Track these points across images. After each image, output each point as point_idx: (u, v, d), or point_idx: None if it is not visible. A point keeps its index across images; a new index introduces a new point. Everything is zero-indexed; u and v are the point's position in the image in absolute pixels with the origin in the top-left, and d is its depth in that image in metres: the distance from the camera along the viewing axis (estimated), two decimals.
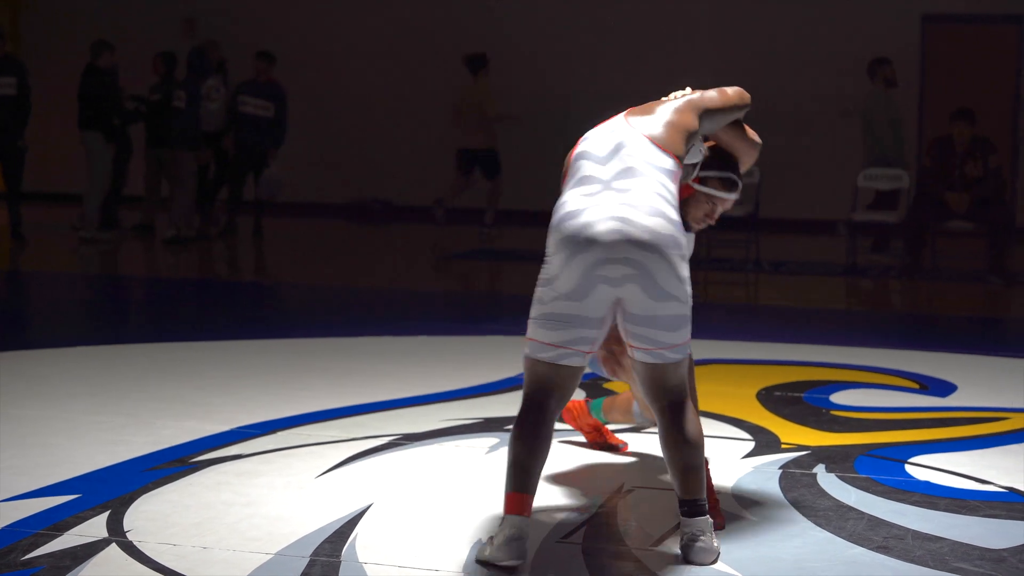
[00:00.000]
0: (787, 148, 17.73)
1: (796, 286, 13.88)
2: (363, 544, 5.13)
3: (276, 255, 16.44)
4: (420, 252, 16.31)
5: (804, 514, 5.58)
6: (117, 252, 15.62)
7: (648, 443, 6.73)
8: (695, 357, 5.59)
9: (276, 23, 19.65)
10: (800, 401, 7.68)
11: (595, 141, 5.15)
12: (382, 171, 19.62)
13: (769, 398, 7.74)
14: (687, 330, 5.01)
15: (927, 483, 6.09)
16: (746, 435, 6.92)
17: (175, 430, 6.78)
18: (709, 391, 7.85)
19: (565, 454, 6.50)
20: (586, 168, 5.07)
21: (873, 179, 15.32)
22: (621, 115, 5.25)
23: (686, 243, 5.06)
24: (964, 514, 5.63)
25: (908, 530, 5.40)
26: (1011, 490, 6.04)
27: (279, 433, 6.79)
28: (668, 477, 4.97)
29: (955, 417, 7.34)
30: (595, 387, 7.72)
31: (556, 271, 4.99)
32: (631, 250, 4.88)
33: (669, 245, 4.92)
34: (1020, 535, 5.34)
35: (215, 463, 6.21)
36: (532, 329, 5.04)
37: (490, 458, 6.41)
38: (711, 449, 6.57)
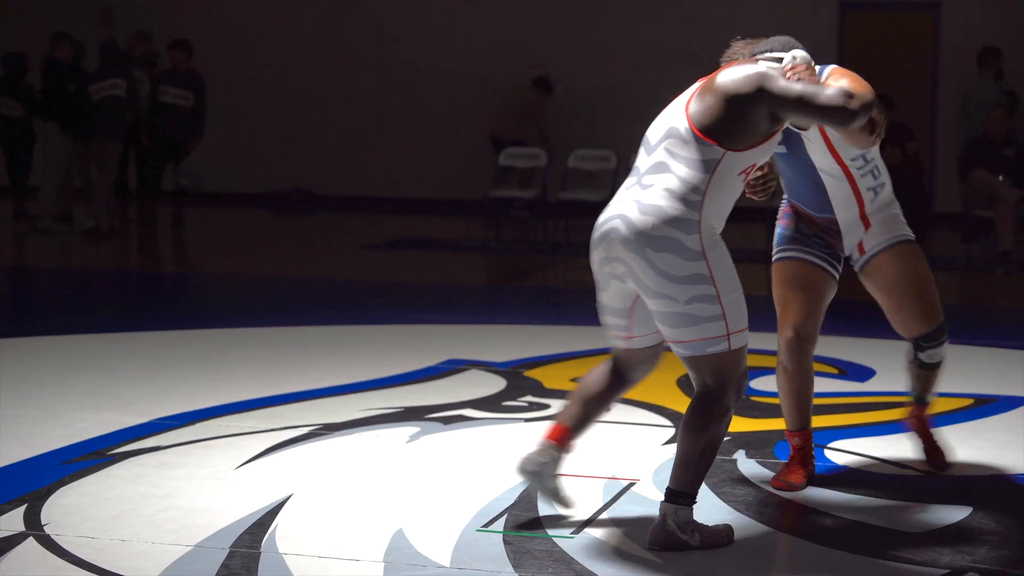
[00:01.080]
0: None
1: None
2: (283, 535, 5.10)
3: (196, 245, 16.33)
4: (340, 241, 16.24)
5: (724, 500, 5.60)
6: (27, 242, 15.45)
7: None
8: None
9: (194, 12, 19.49)
10: None
11: (654, 127, 5.17)
12: (303, 161, 19.52)
13: (689, 384, 7.71)
14: (695, 329, 4.95)
15: (846, 467, 6.13)
16: (667, 421, 6.94)
17: (92, 423, 6.72)
18: None
19: (486, 442, 6.50)
20: (637, 157, 5.18)
21: None
22: (695, 86, 5.17)
23: (700, 241, 4.92)
24: (883, 498, 5.67)
25: (828, 515, 5.43)
26: (930, 474, 6.08)
27: (198, 424, 6.73)
28: (589, 465, 4.96)
29: (874, 402, 7.38)
30: None
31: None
32: (619, 250, 4.99)
33: (654, 245, 4.90)
34: (939, 518, 5.38)
35: (133, 455, 6.16)
36: None
37: (410, 447, 6.39)
38: (632, 435, 6.61)
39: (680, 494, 5.01)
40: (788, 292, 5.91)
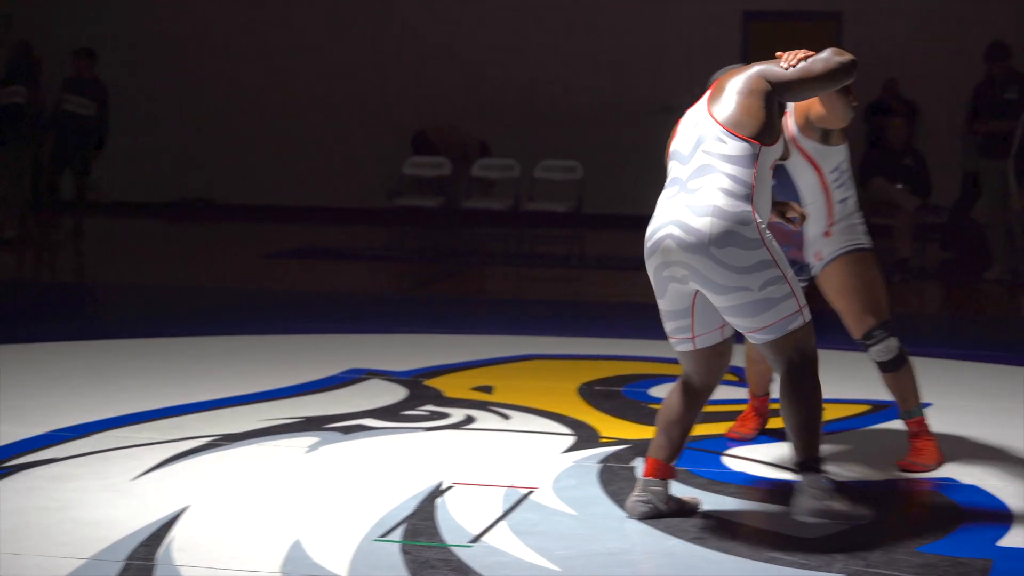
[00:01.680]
0: (610, 144, 17.90)
1: (620, 281, 13.98)
2: (179, 547, 5.06)
3: (94, 255, 16.17)
4: (243, 250, 16.16)
5: (622, 507, 5.61)
6: None
7: (465, 439, 6.73)
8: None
9: (93, 19, 19.31)
10: (620, 395, 7.73)
11: (681, 138, 5.49)
12: (205, 170, 19.39)
13: (590, 393, 7.79)
14: (773, 312, 5.25)
15: (743, 474, 6.17)
16: (567, 430, 6.95)
17: None
18: (530, 387, 7.91)
19: (385, 451, 6.48)
20: (673, 169, 5.46)
21: None
22: (705, 98, 5.49)
23: (757, 229, 5.21)
24: (779, 504, 5.71)
25: (724, 520, 5.46)
26: (826, 479, 6.13)
27: (94, 436, 6.67)
28: (488, 473, 4.95)
29: (771, 408, 7.42)
30: None
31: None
32: (680, 255, 5.24)
33: (717, 243, 5.17)
34: (834, 523, 5.42)
35: (27, 468, 6.09)
36: None
37: (309, 457, 6.36)
38: (531, 445, 6.62)
39: (810, 462, 5.36)
40: None
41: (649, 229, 5.38)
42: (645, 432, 6.88)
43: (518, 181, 15.86)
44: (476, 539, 5.22)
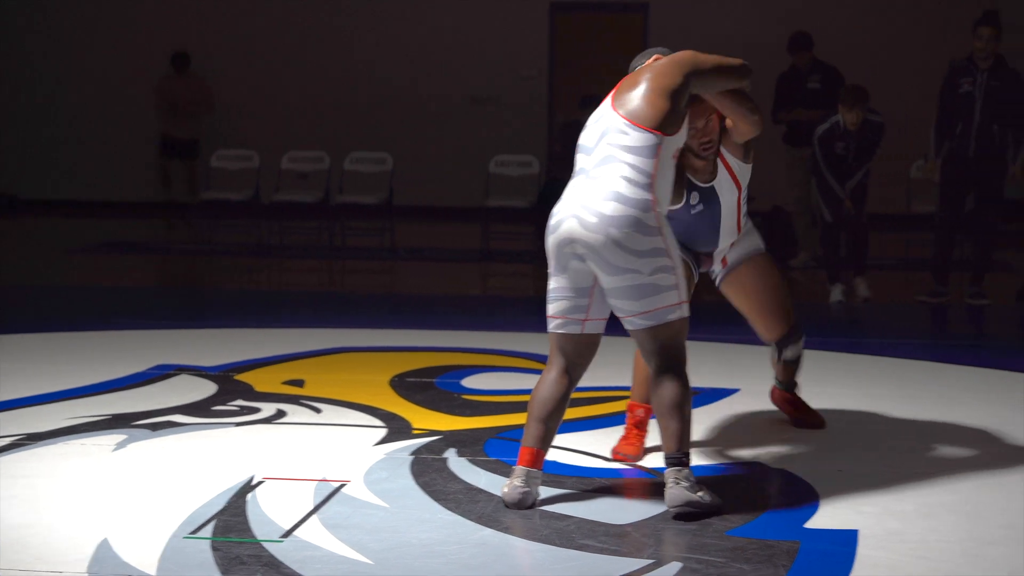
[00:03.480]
0: (421, 136, 17.90)
1: (431, 273, 13.98)
2: None
3: None
4: (45, 246, 15.84)
5: (434, 498, 5.62)
6: None
7: (276, 434, 6.68)
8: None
9: None
10: (432, 387, 7.73)
11: (587, 133, 5.65)
12: (5, 165, 18.98)
13: (402, 384, 7.77)
14: (657, 298, 5.44)
15: (555, 463, 6.19)
16: (379, 422, 6.93)
17: None
18: (342, 379, 7.87)
19: (195, 447, 6.41)
20: (579, 161, 5.64)
21: (504, 165, 15.58)
22: (611, 94, 5.67)
23: (656, 217, 5.42)
24: (590, 492, 5.76)
25: (536, 510, 5.49)
26: (636, 466, 6.20)
27: None
28: (299, 467, 4.91)
29: (583, 397, 7.47)
30: None
31: (548, 254, 5.62)
32: (582, 233, 5.42)
33: (621, 225, 5.37)
34: (643, 510, 5.49)
35: None
36: (547, 305, 5.67)
37: (117, 455, 6.26)
38: (343, 438, 6.59)
39: (682, 455, 5.46)
40: None
41: (554, 211, 5.57)
42: (458, 423, 6.89)
43: (328, 173, 15.78)
44: (288, 534, 5.18)
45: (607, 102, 5.65)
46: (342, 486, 5.78)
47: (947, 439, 6.72)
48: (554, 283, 5.62)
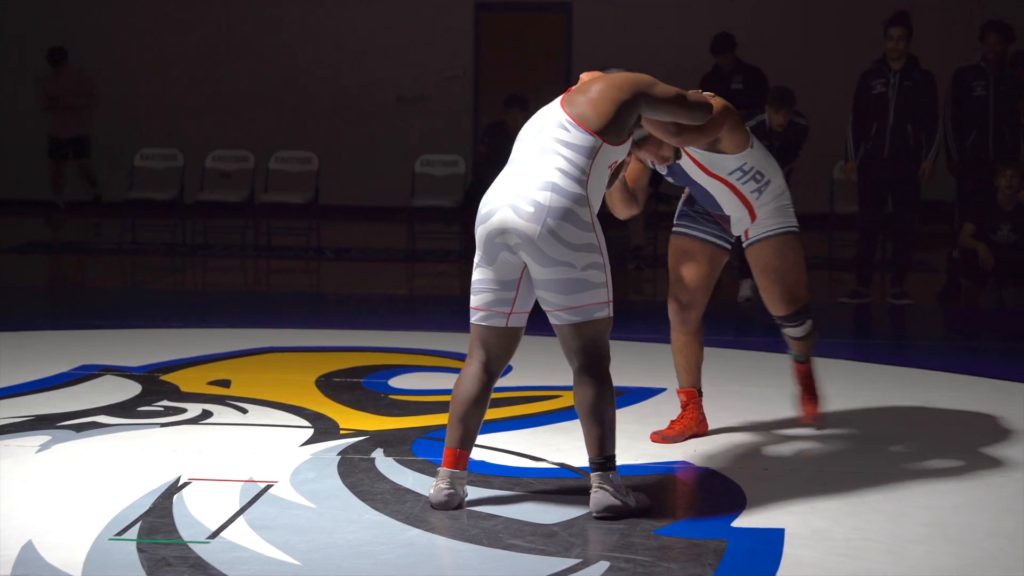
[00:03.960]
0: (347, 135, 17.84)
1: (357, 272, 13.96)
2: None
3: None
4: None
5: (361, 498, 5.61)
6: None
7: (202, 434, 6.65)
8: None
9: None
10: (359, 387, 7.72)
11: (531, 125, 5.69)
12: None
13: (329, 384, 7.75)
14: (586, 295, 5.44)
15: (482, 462, 6.20)
16: (305, 422, 6.91)
17: None
18: (268, 379, 7.85)
19: (120, 448, 6.36)
20: (515, 151, 5.67)
21: (430, 165, 15.58)
22: (565, 93, 5.68)
23: (589, 213, 5.45)
24: (518, 491, 5.77)
25: (464, 510, 5.49)
26: (562, 466, 6.21)
27: None
28: (225, 468, 4.89)
29: (510, 396, 7.49)
30: None
31: (477, 244, 5.60)
32: (516, 222, 5.41)
33: (557, 215, 5.38)
34: (570, 510, 5.50)
35: None
36: (471, 297, 5.65)
37: (41, 457, 6.21)
38: (270, 438, 6.57)
39: (605, 460, 5.45)
40: (674, 265, 6.67)
41: (485, 199, 5.57)
42: (385, 423, 6.89)
43: (253, 172, 15.72)
44: (214, 535, 5.15)
45: (556, 101, 5.65)
46: (269, 487, 5.77)
47: (871, 438, 6.78)
48: (479, 274, 5.59)
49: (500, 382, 7.77)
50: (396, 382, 7.83)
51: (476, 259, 5.61)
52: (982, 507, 5.68)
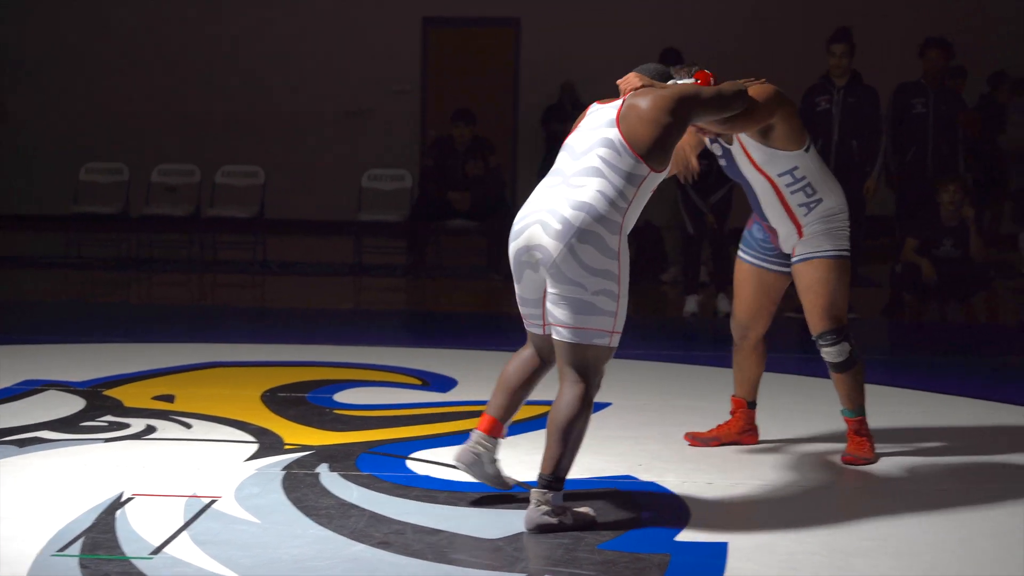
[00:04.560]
0: (293, 149, 17.83)
1: (303, 287, 13.93)
2: None
3: None
4: None
5: (306, 514, 5.59)
6: None
7: (146, 449, 6.62)
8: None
9: None
10: (304, 402, 7.70)
11: (579, 135, 5.65)
12: None
13: (274, 399, 7.73)
14: (591, 318, 5.43)
15: (427, 477, 6.20)
16: (250, 437, 6.89)
17: None
18: (213, 394, 7.82)
19: (63, 464, 6.32)
20: (560, 160, 5.65)
21: (377, 179, 15.58)
22: (617, 104, 5.64)
23: (618, 242, 5.45)
24: (462, 506, 5.76)
25: (408, 524, 5.48)
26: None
27: None
28: (169, 483, 4.85)
29: (456, 411, 7.49)
30: None
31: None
32: (543, 238, 5.43)
33: (579, 236, 5.38)
34: (516, 524, 5.50)
35: None
36: None
37: None
38: (213, 453, 6.54)
39: (553, 480, 5.44)
40: (735, 289, 6.85)
41: (520, 213, 5.58)
42: (330, 438, 6.87)
43: (199, 186, 15.68)
44: (157, 551, 5.13)
45: (612, 110, 5.62)
46: (213, 502, 5.74)
47: (815, 452, 6.81)
48: (516, 288, 5.69)
49: (448, 396, 7.86)
50: (341, 397, 7.81)
51: (512, 273, 5.69)
52: (924, 520, 5.71)
